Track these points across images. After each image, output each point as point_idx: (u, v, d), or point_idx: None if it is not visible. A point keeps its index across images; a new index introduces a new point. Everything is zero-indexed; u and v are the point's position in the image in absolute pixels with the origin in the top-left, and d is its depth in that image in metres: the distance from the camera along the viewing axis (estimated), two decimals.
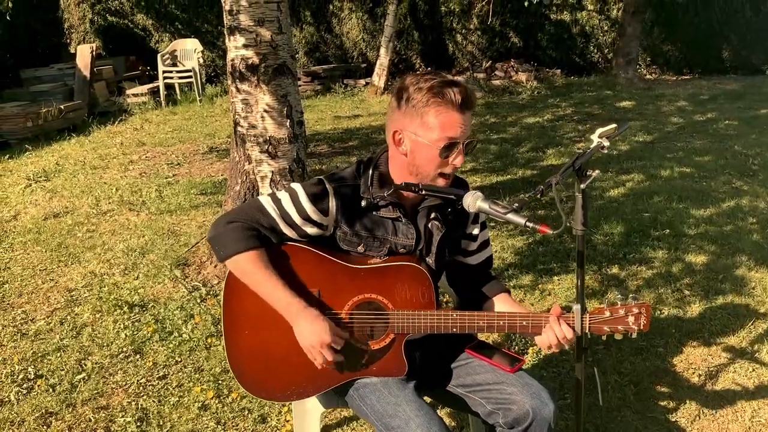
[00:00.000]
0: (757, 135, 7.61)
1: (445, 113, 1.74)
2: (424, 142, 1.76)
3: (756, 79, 12.55)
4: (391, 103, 1.86)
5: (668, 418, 2.60)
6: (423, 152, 1.77)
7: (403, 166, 1.84)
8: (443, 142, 1.74)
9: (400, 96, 1.79)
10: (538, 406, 1.77)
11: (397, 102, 1.81)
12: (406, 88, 1.78)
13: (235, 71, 3.87)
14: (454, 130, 1.75)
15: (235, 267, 1.79)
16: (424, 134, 1.76)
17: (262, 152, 3.95)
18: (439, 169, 1.79)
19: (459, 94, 1.73)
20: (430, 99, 1.74)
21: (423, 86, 1.75)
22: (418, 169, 1.80)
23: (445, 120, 1.74)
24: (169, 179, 6.37)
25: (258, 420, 2.67)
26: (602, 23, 13.48)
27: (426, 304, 1.79)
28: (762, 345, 3.08)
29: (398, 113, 1.81)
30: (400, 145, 1.82)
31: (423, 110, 1.75)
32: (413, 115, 1.76)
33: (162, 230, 4.85)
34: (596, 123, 8.62)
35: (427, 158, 1.77)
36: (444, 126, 1.74)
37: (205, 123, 9.22)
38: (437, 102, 1.73)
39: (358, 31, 13.08)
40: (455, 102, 1.73)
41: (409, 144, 1.79)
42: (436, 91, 1.73)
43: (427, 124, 1.75)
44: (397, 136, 1.82)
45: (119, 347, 3.24)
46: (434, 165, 1.78)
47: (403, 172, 1.84)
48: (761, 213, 4.91)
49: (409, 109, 1.77)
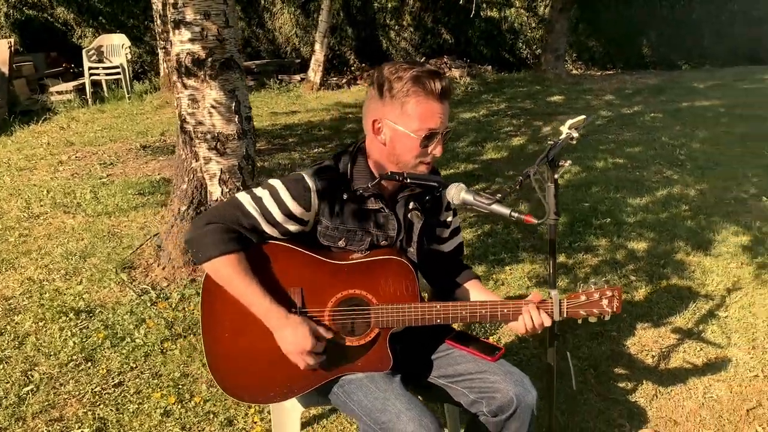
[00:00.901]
0: (681, 126, 8.00)
1: (425, 103, 1.74)
2: (405, 132, 1.75)
3: (674, 74, 13.19)
4: (369, 92, 1.84)
5: (628, 399, 2.70)
6: (403, 142, 1.77)
7: (382, 155, 1.83)
8: (424, 132, 1.74)
9: (380, 85, 1.78)
10: (521, 393, 1.80)
11: (377, 91, 1.79)
12: (386, 78, 1.77)
13: (181, 66, 3.75)
14: (434, 120, 1.75)
15: (214, 271, 1.73)
16: (404, 124, 1.75)
17: (210, 149, 3.84)
18: (419, 159, 1.79)
19: (439, 84, 1.74)
20: (411, 89, 1.73)
21: (403, 75, 1.74)
22: (398, 158, 1.79)
23: (426, 110, 1.74)
24: (104, 180, 6.11)
25: (224, 423, 2.60)
26: (530, 20, 13.83)
27: (410, 297, 1.79)
28: (707, 325, 3.25)
29: (377, 102, 1.79)
30: (379, 134, 1.81)
31: (404, 100, 1.74)
32: (393, 104, 1.76)
33: (102, 233, 4.65)
34: (530, 117, 8.86)
35: (408, 148, 1.77)
36: (424, 116, 1.74)
37: (135, 121, 8.90)
38: (418, 92, 1.73)
39: (290, 27, 12.93)
40: (435, 92, 1.74)
41: (389, 133, 1.78)
42: (417, 80, 1.73)
43: (408, 113, 1.74)
44: (376, 125, 1.80)
45: (68, 356, 3.09)
46: (414, 154, 1.78)
47: (382, 161, 1.83)
48: (692, 200, 5.17)
49: (388, 98, 1.76)
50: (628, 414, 2.60)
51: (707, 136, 7.45)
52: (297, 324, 1.71)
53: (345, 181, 1.83)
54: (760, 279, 3.74)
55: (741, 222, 4.62)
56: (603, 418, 2.57)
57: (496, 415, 1.82)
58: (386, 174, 1.76)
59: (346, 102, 10.35)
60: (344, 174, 1.84)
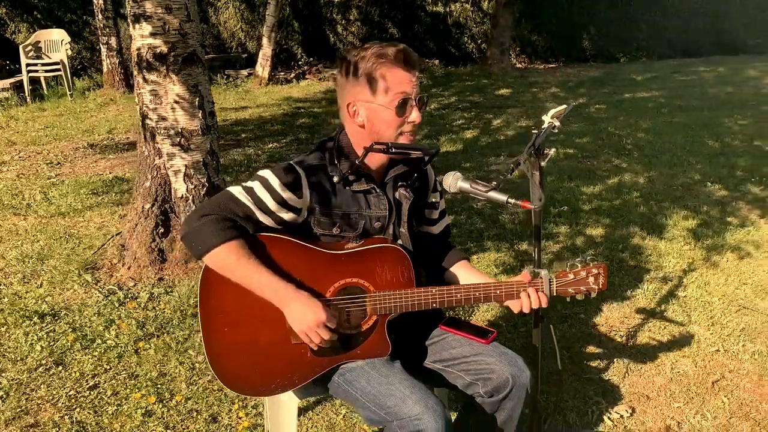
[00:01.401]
0: (624, 117, 8.30)
1: (391, 72, 1.77)
2: (379, 106, 1.78)
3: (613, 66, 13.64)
4: (338, 80, 1.87)
5: (602, 377, 2.81)
6: (380, 116, 1.80)
7: (362, 137, 1.85)
8: (396, 101, 1.77)
9: (347, 69, 1.81)
10: (516, 373, 1.86)
11: (344, 75, 1.82)
12: (350, 60, 1.80)
13: (142, 61, 3.68)
14: (403, 86, 1.78)
15: (215, 261, 1.72)
16: (376, 98, 1.78)
17: (174, 145, 3.79)
18: (399, 129, 1.82)
19: (401, 52, 1.78)
20: (375, 62, 1.76)
21: (365, 54, 1.78)
22: (379, 135, 1.82)
23: (393, 79, 1.78)
24: (53, 180, 5.91)
25: (209, 420, 2.58)
26: (475, 15, 14.04)
27: (406, 283, 1.83)
28: (668, 305, 3.41)
29: (348, 86, 1.82)
30: (355, 116, 1.83)
31: (371, 76, 1.77)
32: (362, 83, 1.79)
33: (57, 234, 4.51)
34: (480, 111, 9.01)
35: (386, 121, 1.80)
36: (393, 85, 1.77)
37: (80, 119, 8.62)
38: (382, 63, 1.77)
39: (236, 21, 12.74)
40: (399, 59, 1.77)
41: (365, 113, 1.81)
42: (379, 53, 1.77)
43: (378, 87, 1.78)
44: (351, 108, 1.83)
45: (36, 360, 2.99)
46: (393, 126, 1.81)
47: (364, 144, 1.84)
48: (642, 188, 5.38)
49: (357, 78, 1.79)
50: (603, 391, 2.71)
51: (650, 126, 7.75)
52: (308, 298, 1.72)
53: (333, 167, 1.85)
54: (712, 260, 3.94)
55: (690, 207, 4.85)
56: (580, 396, 2.68)
57: (492, 396, 1.87)
58: (371, 146, 1.78)
59: (297, 97, 10.29)
60: (329, 160, 1.86)
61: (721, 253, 4.02)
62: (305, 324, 1.72)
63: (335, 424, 2.54)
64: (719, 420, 2.53)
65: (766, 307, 3.39)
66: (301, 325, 1.73)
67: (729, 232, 4.36)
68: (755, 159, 6.14)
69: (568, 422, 2.52)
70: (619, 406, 2.61)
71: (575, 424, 2.51)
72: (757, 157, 6.23)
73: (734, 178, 5.56)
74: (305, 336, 1.74)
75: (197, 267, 3.78)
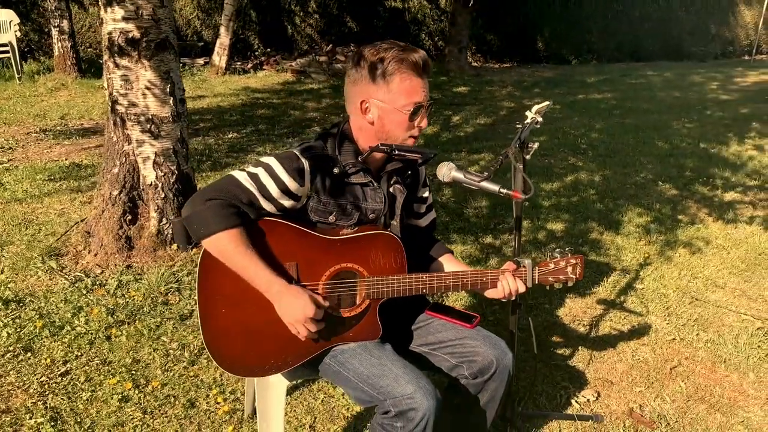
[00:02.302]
0: (578, 117, 8.56)
1: (409, 80, 1.83)
2: (393, 108, 1.84)
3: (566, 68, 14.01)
4: (351, 75, 1.90)
5: (568, 364, 2.94)
6: (392, 118, 1.85)
7: (370, 133, 1.90)
8: (411, 107, 1.84)
9: (363, 66, 1.85)
10: (499, 356, 1.95)
11: (359, 72, 1.86)
12: (368, 59, 1.84)
13: (113, 45, 3.62)
14: (418, 94, 1.85)
15: (215, 246, 1.75)
16: (391, 101, 1.84)
17: (144, 132, 3.75)
18: (408, 132, 1.88)
19: (420, 61, 1.84)
20: (395, 67, 1.82)
21: (386, 56, 1.82)
22: (388, 135, 1.88)
23: (410, 86, 1.84)
24: (5, 165, 5.73)
25: (187, 405, 2.59)
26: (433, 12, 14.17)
27: (398, 269, 1.89)
28: (626, 296, 3.58)
29: (362, 83, 1.86)
30: (366, 113, 1.88)
31: (389, 79, 1.82)
32: (379, 84, 1.84)
33: (15, 220, 4.39)
34: (438, 108, 9.14)
35: (397, 123, 1.86)
36: (410, 92, 1.84)
37: (30, 103, 8.35)
38: (401, 70, 1.82)
39: (191, 9, 12.52)
40: (418, 68, 1.84)
41: (377, 111, 1.86)
42: (400, 58, 1.82)
43: (394, 91, 1.83)
44: (363, 105, 1.87)
45: (4, 347, 2.93)
46: (404, 128, 1.87)
47: (370, 140, 1.90)
48: (598, 185, 5.59)
49: (374, 78, 1.84)
50: (570, 377, 2.84)
51: (603, 126, 8.03)
52: (298, 292, 1.76)
53: (333, 158, 1.90)
54: (665, 255, 4.14)
55: (643, 204, 5.07)
56: (549, 381, 2.80)
57: (477, 378, 1.96)
58: (376, 146, 1.84)
59: (255, 87, 10.21)
60: (332, 151, 1.91)
61: (674, 249, 4.23)
62: (293, 318, 1.78)
63: (314, 408, 2.59)
64: (677, 403, 2.69)
65: (716, 299, 3.59)
66: (290, 318, 1.78)
67: (680, 228, 4.58)
68: (702, 160, 6.45)
69: (539, 406, 2.64)
70: (585, 391, 2.74)
71: (545, 407, 2.63)
72: (703, 158, 6.54)
73: (683, 178, 5.82)
74: (293, 328, 1.79)
75: (166, 255, 3.76)
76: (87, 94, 9.01)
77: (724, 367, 2.96)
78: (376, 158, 1.95)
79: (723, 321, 3.36)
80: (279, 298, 1.77)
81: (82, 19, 11.70)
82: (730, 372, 2.92)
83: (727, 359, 3.02)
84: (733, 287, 3.75)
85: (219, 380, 2.75)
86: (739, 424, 2.58)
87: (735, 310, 3.46)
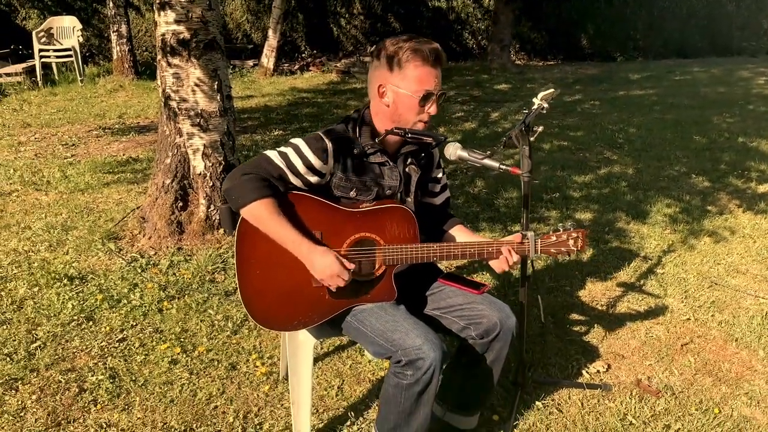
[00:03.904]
0: (618, 113, 8.60)
1: (422, 68, 2.06)
2: (406, 93, 2.08)
3: (611, 65, 13.93)
4: (372, 62, 2.15)
5: (582, 340, 3.12)
6: (404, 102, 2.09)
7: (386, 116, 2.14)
8: (421, 93, 2.07)
9: (383, 55, 2.10)
10: (503, 318, 2.16)
11: (379, 60, 2.11)
12: (388, 48, 2.09)
13: (166, 46, 3.96)
14: (429, 82, 2.08)
15: (251, 214, 2.02)
16: (405, 86, 2.07)
17: (194, 125, 4.07)
18: (418, 117, 2.12)
19: (433, 52, 2.07)
20: (410, 56, 2.05)
21: (403, 45, 2.07)
22: (399, 117, 2.11)
23: (422, 73, 2.07)
24: (69, 159, 6.19)
25: (229, 368, 2.88)
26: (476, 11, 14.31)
27: (411, 239, 2.12)
28: (646, 280, 3.71)
29: (381, 69, 2.11)
30: (383, 97, 2.12)
31: (404, 66, 2.06)
32: (395, 70, 2.08)
33: (78, 208, 4.80)
34: (479, 104, 9.31)
35: (408, 107, 2.09)
36: (421, 79, 2.07)
37: (91, 104, 8.90)
38: (416, 58, 2.06)
39: (242, 13, 13.00)
40: (430, 58, 2.07)
41: (392, 96, 2.10)
42: (415, 48, 2.06)
43: (408, 77, 2.07)
44: (381, 89, 2.12)
45: (69, 316, 3.28)
46: (414, 113, 2.10)
47: (386, 122, 2.14)
48: (630, 178, 5.69)
49: (391, 65, 2.08)
50: (583, 351, 3.01)
51: (642, 122, 8.06)
52: (325, 251, 2.01)
53: (353, 140, 2.15)
54: (689, 243, 4.25)
55: (673, 196, 5.16)
56: (562, 354, 2.98)
57: (483, 338, 2.18)
58: (390, 129, 2.08)
59: (301, 87, 10.57)
60: (353, 133, 2.15)
61: (698, 237, 4.33)
62: (327, 273, 2.02)
63: (342, 372, 2.85)
64: (685, 375, 2.84)
65: (736, 283, 3.70)
66: (323, 274, 2.02)
67: (708, 218, 4.66)
68: (739, 154, 6.45)
69: (551, 376, 2.82)
70: (596, 363, 2.91)
71: (557, 377, 2.81)
72: (740, 152, 6.54)
73: (717, 171, 5.86)
74: (325, 282, 2.04)
75: (213, 239, 4.07)
76: (143, 95, 9.52)
77: (735, 345, 3.09)
78: (392, 140, 2.18)
79: (740, 304, 3.47)
80: (308, 257, 2.01)
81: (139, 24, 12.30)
82: (740, 349, 3.05)
83: (739, 338, 3.14)
84: (755, 273, 3.84)
85: (258, 347, 3.04)
86: (743, 395, 2.72)
87: (753, 293, 3.56)
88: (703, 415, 2.58)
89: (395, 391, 2.01)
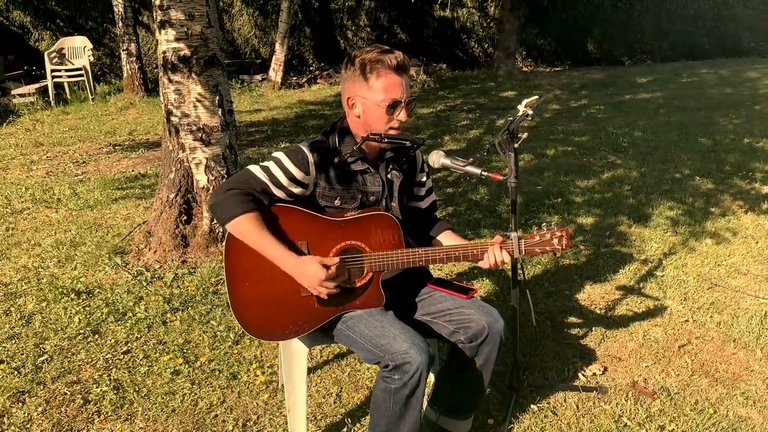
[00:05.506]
0: (623, 117, 8.60)
1: (386, 77, 2.11)
2: (372, 104, 2.13)
3: (618, 69, 13.91)
4: (342, 75, 2.21)
5: (580, 343, 3.13)
6: (372, 112, 2.15)
7: (358, 126, 2.20)
8: (387, 102, 2.12)
9: (349, 67, 2.15)
10: (491, 322, 2.20)
11: (347, 72, 2.17)
12: (353, 60, 2.15)
13: (167, 63, 4.05)
14: (395, 91, 2.12)
15: (236, 229, 2.08)
16: (371, 97, 2.13)
17: (196, 140, 4.15)
18: (388, 125, 2.16)
19: (395, 60, 2.12)
20: (373, 66, 2.11)
21: (366, 57, 2.13)
22: (370, 127, 2.17)
23: (387, 83, 2.11)
24: (80, 177, 6.31)
25: (230, 377, 2.93)
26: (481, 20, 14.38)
27: (397, 245, 2.17)
28: (646, 282, 3.72)
29: (349, 82, 2.17)
30: (353, 108, 2.18)
31: (368, 77, 2.12)
32: (361, 82, 2.13)
33: (87, 224, 4.90)
34: (484, 112, 9.35)
35: (377, 116, 2.15)
36: (387, 88, 2.11)
37: (102, 122, 9.05)
38: (379, 69, 2.11)
39: (249, 28, 13.16)
40: (392, 66, 2.11)
41: (361, 107, 2.16)
42: (377, 59, 2.11)
43: (373, 88, 2.12)
44: (350, 101, 2.18)
45: (75, 330, 3.36)
46: (383, 121, 2.15)
47: (359, 131, 2.20)
48: (634, 182, 5.69)
49: (357, 77, 2.14)
50: (580, 354, 3.03)
51: (647, 125, 8.05)
52: (309, 261, 2.06)
53: (335, 150, 2.20)
54: (691, 245, 4.25)
55: (676, 198, 5.16)
56: (559, 357, 3.00)
57: (472, 342, 2.21)
58: (367, 136, 2.13)
59: (308, 100, 10.68)
60: (332, 143, 2.21)
61: (700, 239, 4.33)
62: (310, 281, 2.07)
63: (341, 379, 2.89)
64: (681, 377, 2.85)
65: (736, 284, 3.70)
66: (311, 284, 2.08)
67: (710, 220, 4.66)
68: (744, 155, 6.43)
69: (547, 379, 2.85)
70: (593, 366, 2.93)
71: (553, 380, 2.83)
72: (746, 153, 6.52)
73: (722, 173, 5.85)
74: (315, 291, 2.09)
75: (217, 251, 4.14)
76: (153, 111, 9.66)
77: (732, 345, 3.09)
78: (372, 148, 2.23)
79: (739, 305, 3.47)
80: (294, 268, 2.07)
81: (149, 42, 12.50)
82: (738, 350, 3.05)
83: (737, 338, 3.14)
84: (756, 274, 3.83)
85: (259, 357, 3.09)
86: (740, 395, 2.72)
87: (753, 294, 3.56)
88: (698, 415, 2.59)
89: (384, 395, 2.05)
